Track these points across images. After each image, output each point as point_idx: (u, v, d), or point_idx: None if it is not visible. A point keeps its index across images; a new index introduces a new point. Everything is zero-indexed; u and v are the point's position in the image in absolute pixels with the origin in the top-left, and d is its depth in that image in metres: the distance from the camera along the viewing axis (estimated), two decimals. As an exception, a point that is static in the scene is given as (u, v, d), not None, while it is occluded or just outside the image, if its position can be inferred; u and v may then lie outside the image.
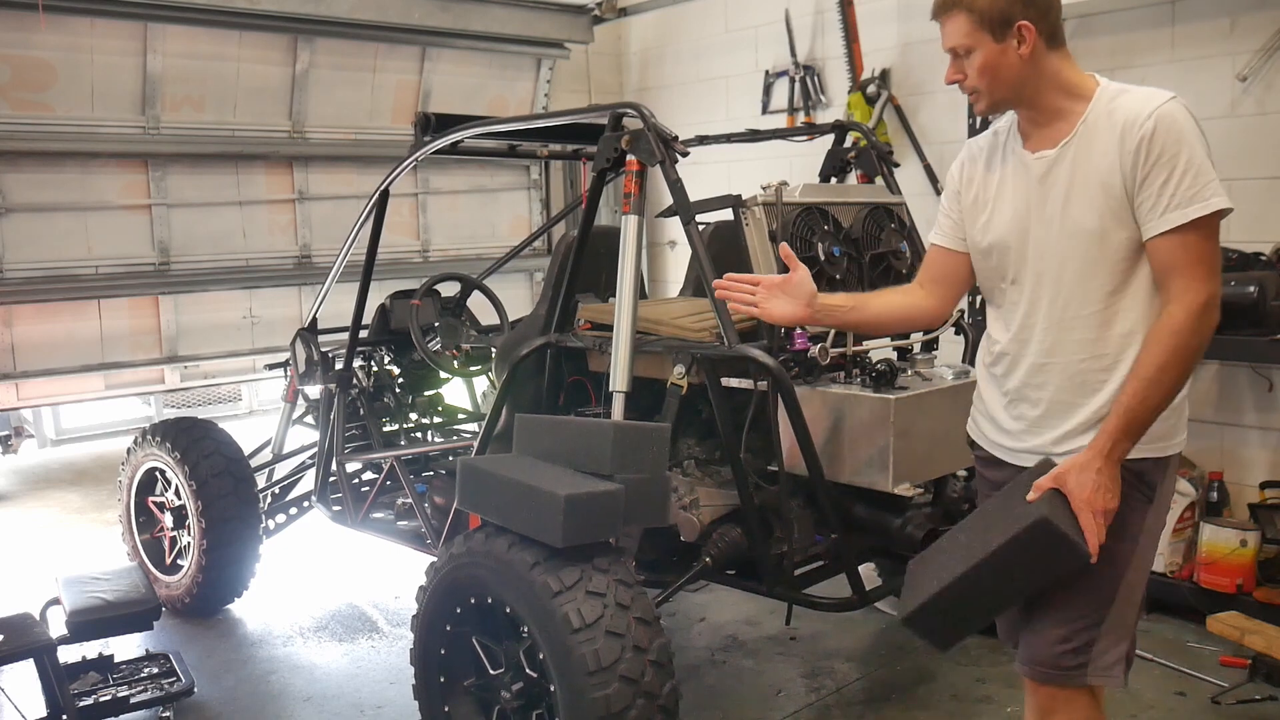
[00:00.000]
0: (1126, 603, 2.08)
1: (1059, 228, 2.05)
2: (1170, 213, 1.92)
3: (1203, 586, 3.95)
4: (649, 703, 2.44)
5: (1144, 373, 1.94)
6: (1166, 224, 1.92)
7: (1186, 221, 1.91)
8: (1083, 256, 2.03)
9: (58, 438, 7.13)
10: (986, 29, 2.03)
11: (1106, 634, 2.07)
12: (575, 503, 2.45)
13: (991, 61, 2.04)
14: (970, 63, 2.07)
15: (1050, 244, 2.07)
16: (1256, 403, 4.21)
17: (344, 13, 5.47)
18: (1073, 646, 2.07)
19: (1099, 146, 2.00)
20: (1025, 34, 2.03)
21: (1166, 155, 1.92)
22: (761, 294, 2.33)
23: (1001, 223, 2.15)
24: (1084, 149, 2.02)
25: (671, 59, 6.76)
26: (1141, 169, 1.94)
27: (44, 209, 5.02)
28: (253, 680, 3.81)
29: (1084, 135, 2.03)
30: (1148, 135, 1.93)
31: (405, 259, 6.29)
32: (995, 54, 2.04)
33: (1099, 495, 1.94)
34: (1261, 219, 4.14)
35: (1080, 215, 2.02)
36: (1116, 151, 1.97)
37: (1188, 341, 1.92)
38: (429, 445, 4.53)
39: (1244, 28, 4.11)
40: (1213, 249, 1.95)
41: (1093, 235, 2.01)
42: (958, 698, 3.50)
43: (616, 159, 3.06)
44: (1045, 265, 2.08)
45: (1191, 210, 1.90)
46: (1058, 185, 2.06)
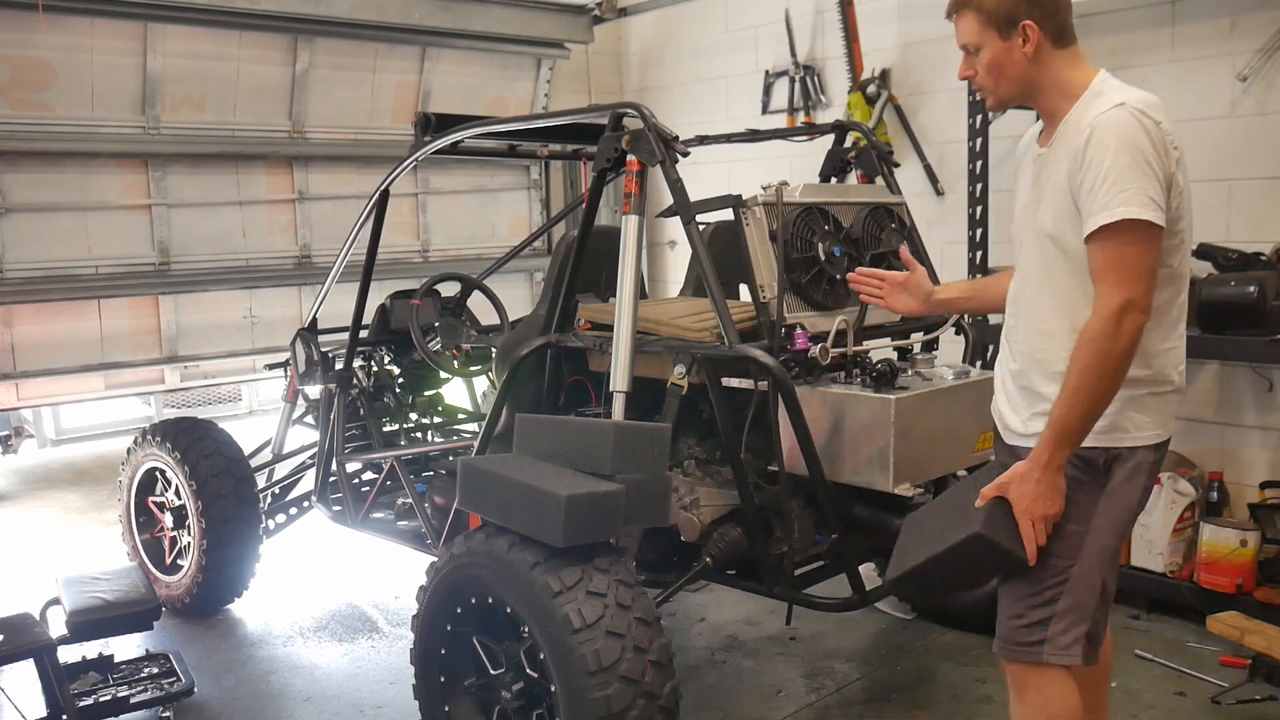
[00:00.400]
0: (1083, 587, 2.16)
1: (1034, 224, 2.18)
2: (1088, 219, 2.01)
3: (1203, 586, 3.95)
4: (649, 703, 2.44)
5: (1069, 382, 2.02)
6: (1087, 229, 2.01)
7: (1096, 229, 1.99)
8: (1045, 254, 2.15)
9: (58, 438, 7.13)
10: (993, 27, 2.13)
11: (1062, 615, 2.16)
12: (576, 503, 2.45)
13: (998, 59, 2.14)
14: (979, 60, 2.18)
15: (1029, 239, 2.21)
16: (1256, 403, 4.21)
17: (344, 13, 5.47)
18: (1028, 623, 2.18)
19: (1063, 150, 2.10)
20: (1029, 33, 2.11)
21: (1094, 163, 2.00)
22: (887, 289, 2.64)
23: (1016, 210, 2.31)
24: (1056, 153, 2.13)
25: (671, 59, 6.76)
26: (1078, 175, 2.04)
27: (44, 209, 5.02)
28: (253, 680, 3.81)
29: (1060, 137, 2.14)
30: (1084, 143, 2.02)
31: (405, 259, 6.29)
32: (1001, 52, 2.14)
33: (1038, 504, 2.06)
34: (1261, 219, 4.14)
35: (1045, 214, 2.14)
36: (1069, 159, 2.07)
37: (1105, 348, 1.98)
38: (429, 445, 4.53)
39: (1244, 28, 4.11)
40: (1127, 256, 1.98)
41: (1052, 234, 2.13)
42: (958, 698, 3.50)
43: (617, 159, 3.06)
44: (1026, 259, 2.23)
45: (1100, 218, 1.98)
46: (1040, 183, 2.18)
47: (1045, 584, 2.16)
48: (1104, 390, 2.01)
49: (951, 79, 5.01)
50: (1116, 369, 2.00)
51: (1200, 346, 3.95)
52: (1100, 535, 2.16)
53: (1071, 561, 2.15)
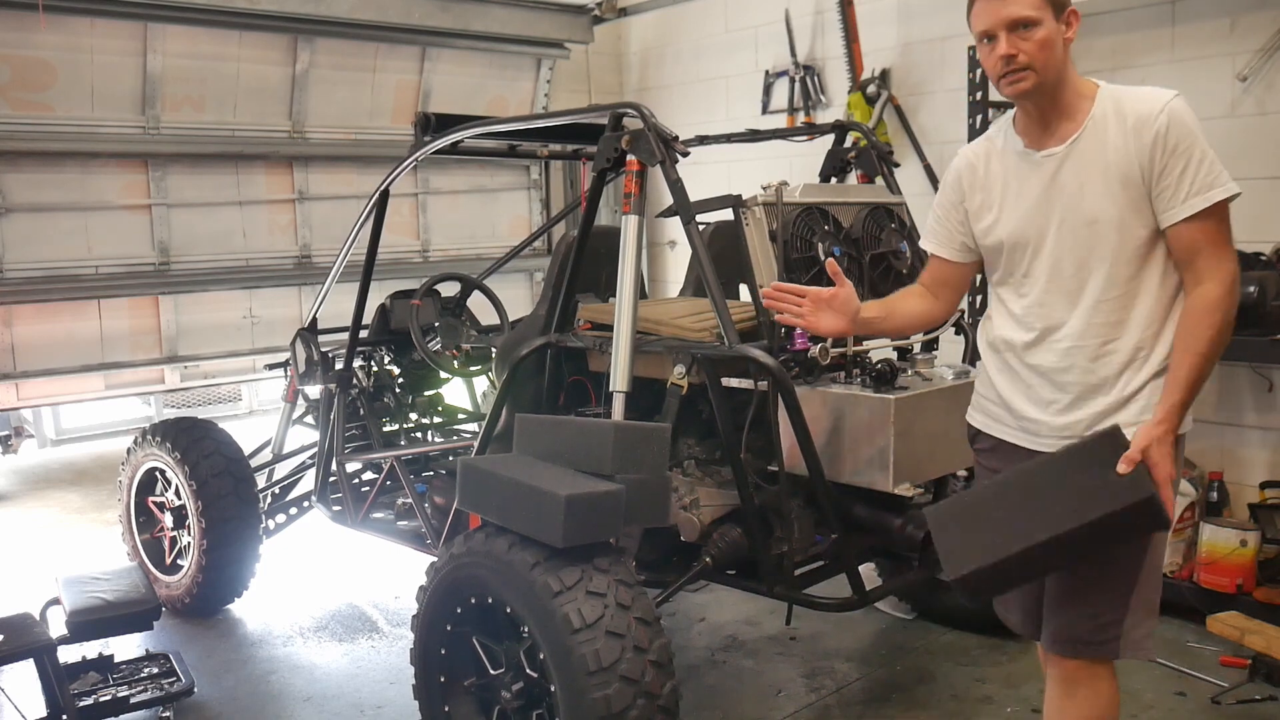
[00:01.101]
0: (1150, 582, 2.18)
1: (1077, 220, 2.13)
2: (1192, 198, 2.04)
3: (1203, 586, 3.95)
4: (649, 703, 2.44)
5: (1198, 347, 2.04)
6: (1189, 209, 2.04)
7: (1209, 205, 2.03)
8: (1103, 245, 2.12)
9: (58, 438, 7.13)
10: (1051, 4, 2.08)
11: (1135, 609, 2.17)
12: (576, 503, 2.45)
13: (1051, 38, 2.08)
14: (1032, 35, 2.07)
15: (1069, 236, 2.15)
16: (1256, 403, 4.21)
17: (344, 13, 5.47)
18: (1104, 622, 2.17)
19: (1111, 141, 2.09)
20: (1074, 20, 2.12)
21: (1183, 147, 2.04)
22: (809, 307, 2.42)
23: (1012, 221, 2.23)
24: (1094, 144, 2.11)
25: (671, 59, 6.76)
26: (1159, 161, 2.05)
27: (44, 209, 5.02)
28: (253, 680, 3.81)
29: (1092, 131, 2.12)
30: (1163, 129, 2.05)
31: (405, 259, 6.29)
32: (1054, 31, 2.08)
33: (1172, 467, 2.06)
34: (1261, 219, 4.14)
35: (1098, 206, 2.11)
36: (1133, 146, 2.07)
37: (1227, 314, 2.05)
38: (429, 445, 4.53)
39: (1244, 28, 4.11)
40: (1226, 230, 2.08)
41: (1111, 224, 2.10)
42: (958, 698, 3.50)
43: (616, 159, 3.06)
44: (1065, 256, 2.16)
45: (1214, 194, 2.04)
46: (1071, 180, 2.14)
47: (1122, 581, 2.16)
48: (1219, 351, 2.07)
49: (952, 79, 5.03)
50: (1229, 335, 2.06)
51: (1200, 346, 3.95)
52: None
53: (1142, 555, 2.16)
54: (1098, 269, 2.14)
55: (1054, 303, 2.20)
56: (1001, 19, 2.08)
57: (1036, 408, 2.25)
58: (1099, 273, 2.14)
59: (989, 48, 2.13)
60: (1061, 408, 2.22)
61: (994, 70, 2.14)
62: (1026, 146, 2.21)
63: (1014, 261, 2.25)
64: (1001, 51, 2.09)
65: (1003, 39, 2.09)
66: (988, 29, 2.11)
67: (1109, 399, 2.17)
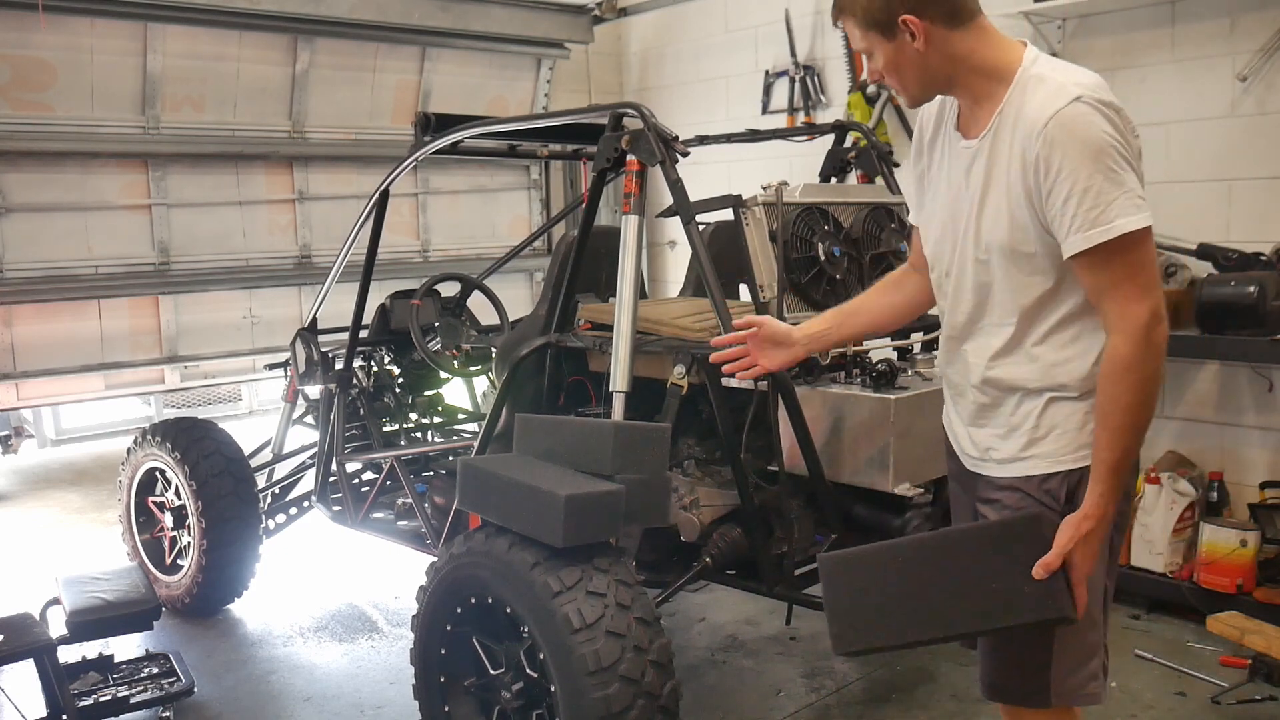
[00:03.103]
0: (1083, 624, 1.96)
1: (975, 232, 1.95)
2: (1073, 235, 1.78)
3: (1203, 586, 3.95)
4: (649, 703, 2.44)
5: (1112, 422, 1.81)
6: (1071, 248, 1.79)
7: (1090, 247, 1.76)
8: (997, 268, 1.93)
9: (58, 438, 7.13)
10: (875, 30, 1.92)
11: (1061, 656, 1.97)
12: (575, 503, 2.45)
13: (891, 60, 1.94)
14: (878, 62, 1.97)
15: (969, 248, 1.97)
16: (1256, 403, 4.21)
17: (344, 13, 5.47)
18: (1027, 671, 2.00)
19: (1006, 149, 1.87)
20: (911, 27, 1.88)
21: (1066, 171, 1.76)
22: (753, 351, 2.34)
23: (938, 207, 2.06)
24: (997, 147, 1.89)
25: (671, 59, 6.76)
26: (1044, 184, 1.80)
27: (44, 209, 5.02)
28: (253, 680, 3.81)
29: (998, 130, 1.89)
30: (1044, 148, 1.78)
31: (405, 259, 6.29)
32: (892, 52, 1.93)
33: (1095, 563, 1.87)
34: (1261, 219, 4.14)
35: (992, 223, 1.91)
36: (1020, 161, 1.84)
37: (1142, 371, 1.78)
38: (429, 445, 4.53)
39: (1244, 28, 4.11)
40: (1136, 263, 1.77)
41: (1004, 247, 1.90)
42: (958, 698, 3.50)
43: (617, 159, 3.06)
44: (966, 269, 1.99)
45: (1094, 235, 1.75)
46: (976, 183, 1.94)
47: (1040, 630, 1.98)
48: (1147, 416, 1.82)
49: (951, 79, 5.02)
50: (1156, 389, 1.81)
51: (1200, 346, 3.95)
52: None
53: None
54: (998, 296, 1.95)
55: (957, 311, 2.04)
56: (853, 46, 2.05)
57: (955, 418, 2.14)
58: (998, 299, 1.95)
59: None
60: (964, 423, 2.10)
61: None
62: (956, 128, 2.02)
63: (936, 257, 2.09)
64: (869, 77, 2.03)
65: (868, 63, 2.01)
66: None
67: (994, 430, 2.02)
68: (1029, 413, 1.97)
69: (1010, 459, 2.01)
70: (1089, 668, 1.99)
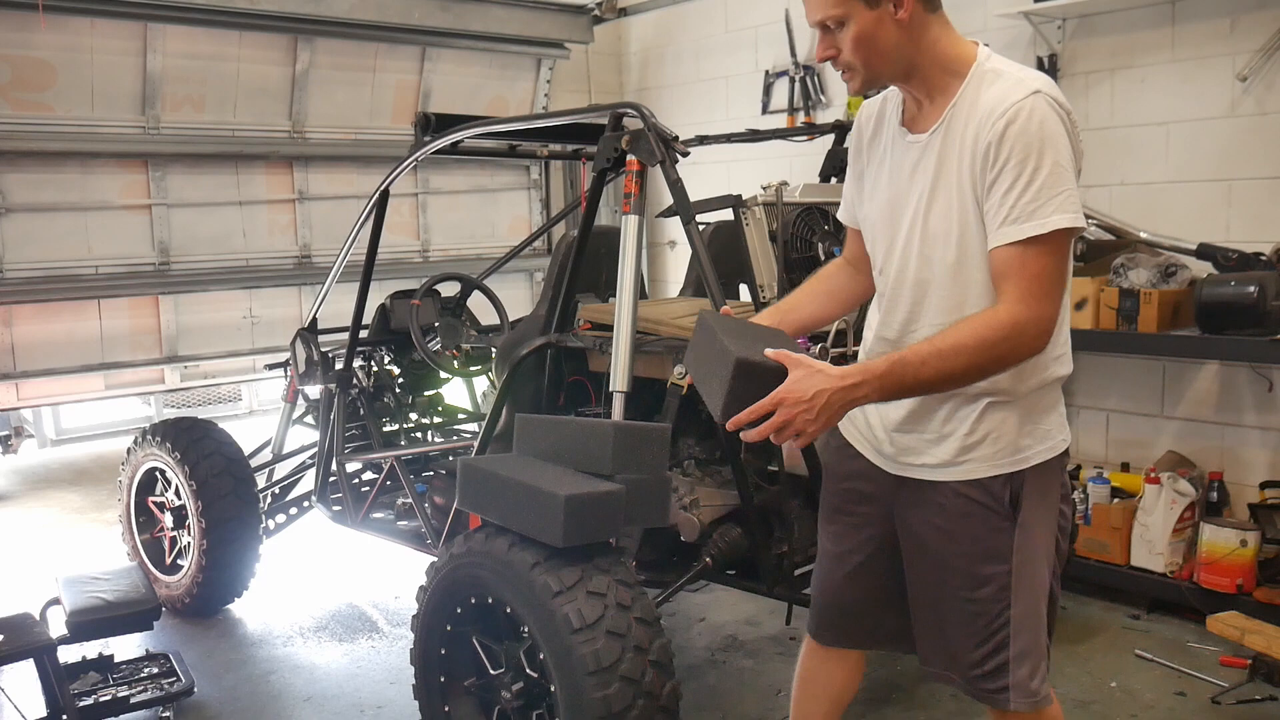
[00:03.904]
0: (1028, 627, 1.99)
1: (923, 228, 1.91)
2: (1008, 226, 1.77)
3: (1203, 586, 3.95)
4: (649, 703, 2.44)
5: (939, 343, 1.77)
6: (1002, 238, 1.77)
7: (1021, 239, 1.75)
8: (941, 264, 1.89)
9: (58, 438, 7.13)
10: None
11: (1018, 659, 1.99)
12: (575, 503, 2.45)
13: (867, 32, 1.82)
14: (843, 35, 1.84)
15: (915, 244, 1.92)
16: (1256, 403, 4.21)
17: (344, 13, 5.48)
18: (987, 670, 2.02)
19: (957, 142, 1.84)
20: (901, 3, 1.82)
21: (1014, 161, 1.75)
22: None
23: (876, 206, 2.02)
24: (949, 141, 1.86)
25: (671, 59, 6.76)
26: (990, 173, 1.78)
27: (44, 209, 5.02)
28: (253, 680, 3.81)
29: (950, 125, 1.86)
30: (998, 136, 1.77)
31: (405, 259, 6.29)
32: (870, 22, 1.82)
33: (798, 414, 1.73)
34: (1261, 219, 4.14)
35: (940, 218, 1.88)
36: (970, 151, 1.82)
37: (997, 344, 1.75)
38: (429, 445, 4.53)
39: (1244, 28, 4.11)
40: (1050, 269, 1.76)
41: (950, 242, 1.87)
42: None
43: (616, 159, 3.06)
44: (908, 266, 1.95)
45: (1028, 228, 1.74)
46: (924, 179, 1.90)
47: (991, 629, 1.99)
48: (962, 374, 1.78)
49: (951, 79, 5.02)
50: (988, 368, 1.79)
51: (1200, 346, 3.95)
52: (1028, 569, 1.99)
53: (1006, 604, 1.98)
54: (941, 286, 1.91)
55: (895, 310, 2.00)
56: (811, 20, 1.89)
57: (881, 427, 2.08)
58: (941, 289, 1.91)
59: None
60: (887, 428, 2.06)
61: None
62: (901, 124, 1.98)
63: (875, 250, 2.04)
64: (817, 55, 1.91)
65: (819, 40, 1.89)
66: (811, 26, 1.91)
67: (924, 435, 2.00)
68: (964, 418, 1.96)
69: (944, 464, 2.00)
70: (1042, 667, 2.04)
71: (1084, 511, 4.24)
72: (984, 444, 1.96)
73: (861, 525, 2.20)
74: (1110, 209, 4.56)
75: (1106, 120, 4.56)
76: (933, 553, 2.05)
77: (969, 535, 2.00)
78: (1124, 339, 4.08)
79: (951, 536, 2.01)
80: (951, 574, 2.03)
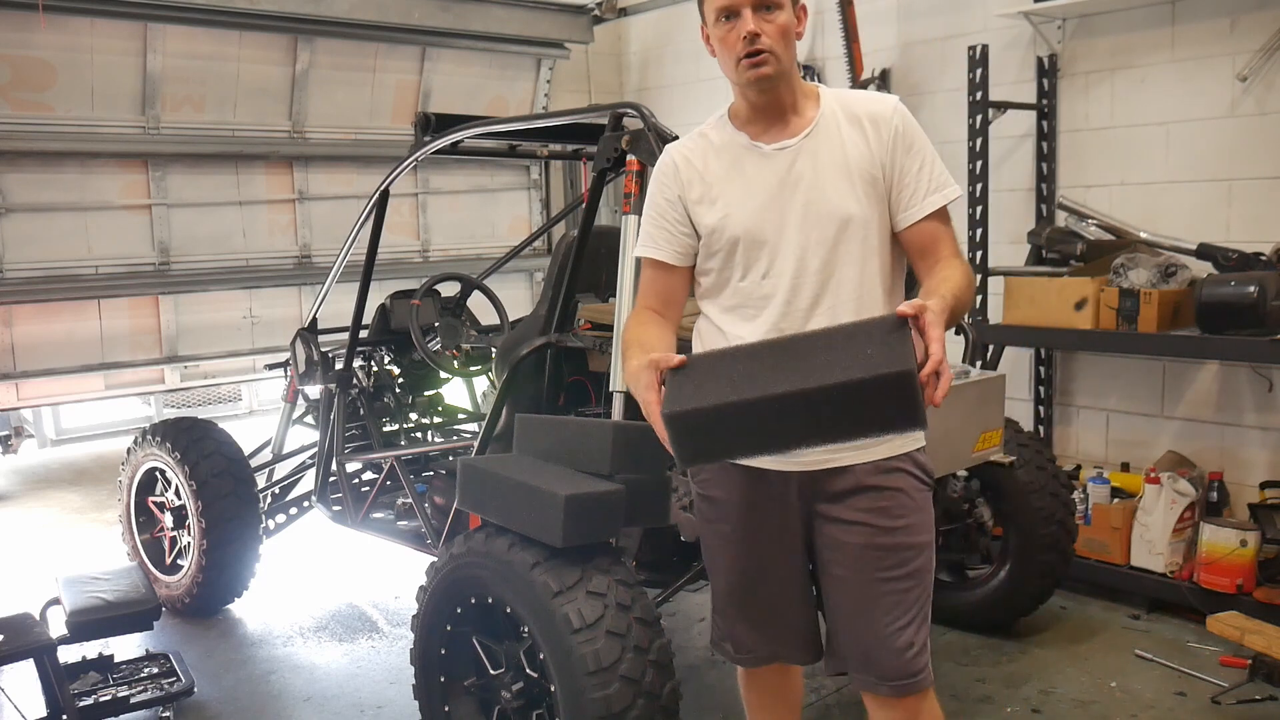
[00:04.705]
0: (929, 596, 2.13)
1: (822, 215, 2.03)
2: (932, 195, 2.05)
3: (1203, 586, 3.95)
4: (649, 703, 2.44)
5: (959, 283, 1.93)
6: (930, 206, 2.05)
7: (946, 203, 2.06)
8: (852, 243, 2.04)
9: (58, 438, 7.13)
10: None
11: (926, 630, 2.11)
12: (575, 503, 2.45)
13: (790, 26, 2.02)
14: (774, 19, 1.99)
15: (814, 230, 2.04)
16: (1256, 403, 4.21)
17: (344, 13, 5.48)
18: (918, 649, 2.08)
19: (848, 139, 2.05)
20: (803, 15, 2.08)
21: (917, 146, 2.06)
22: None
23: (746, 215, 2.07)
24: (830, 141, 2.06)
25: (671, 59, 6.76)
26: (899, 160, 2.05)
27: (44, 209, 5.02)
28: (253, 680, 3.81)
29: (825, 128, 2.06)
30: (900, 129, 2.05)
31: (405, 259, 6.29)
32: (790, 20, 2.02)
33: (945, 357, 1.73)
34: (1261, 219, 4.14)
35: (840, 203, 2.03)
36: (873, 144, 2.05)
37: (972, 285, 2.00)
38: (429, 445, 4.53)
39: (1244, 28, 4.11)
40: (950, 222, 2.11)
41: (860, 223, 2.04)
42: (958, 698, 3.50)
43: (617, 159, 3.06)
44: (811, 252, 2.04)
45: (949, 191, 2.07)
46: (805, 175, 2.05)
47: (919, 604, 2.08)
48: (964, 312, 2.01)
49: (951, 79, 5.03)
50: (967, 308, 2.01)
51: (1200, 346, 3.95)
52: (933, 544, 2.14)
53: (929, 575, 2.11)
54: (845, 270, 2.03)
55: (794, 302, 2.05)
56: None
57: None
58: (847, 273, 2.03)
59: (728, 26, 2.01)
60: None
61: (734, 51, 2.00)
62: (753, 140, 2.09)
63: (751, 260, 2.07)
64: (747, 28, 1.97)
65: (748, 15, 1.97)
66: (730, 5, 2.00)
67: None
68: None
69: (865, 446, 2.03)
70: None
71: (1084, 511, 4.24)
72: None
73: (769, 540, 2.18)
74: (1110, 209, 4.56)
75: (1106, 120, 4.56)
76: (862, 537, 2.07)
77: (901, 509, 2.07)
78: (1124, 339, 4.08)
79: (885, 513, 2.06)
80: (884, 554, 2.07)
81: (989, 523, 3.80)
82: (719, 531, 2.24)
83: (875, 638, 2.09)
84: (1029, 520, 3.73)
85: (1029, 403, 4.79)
